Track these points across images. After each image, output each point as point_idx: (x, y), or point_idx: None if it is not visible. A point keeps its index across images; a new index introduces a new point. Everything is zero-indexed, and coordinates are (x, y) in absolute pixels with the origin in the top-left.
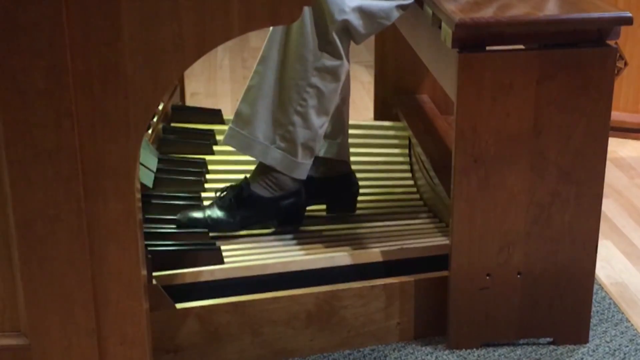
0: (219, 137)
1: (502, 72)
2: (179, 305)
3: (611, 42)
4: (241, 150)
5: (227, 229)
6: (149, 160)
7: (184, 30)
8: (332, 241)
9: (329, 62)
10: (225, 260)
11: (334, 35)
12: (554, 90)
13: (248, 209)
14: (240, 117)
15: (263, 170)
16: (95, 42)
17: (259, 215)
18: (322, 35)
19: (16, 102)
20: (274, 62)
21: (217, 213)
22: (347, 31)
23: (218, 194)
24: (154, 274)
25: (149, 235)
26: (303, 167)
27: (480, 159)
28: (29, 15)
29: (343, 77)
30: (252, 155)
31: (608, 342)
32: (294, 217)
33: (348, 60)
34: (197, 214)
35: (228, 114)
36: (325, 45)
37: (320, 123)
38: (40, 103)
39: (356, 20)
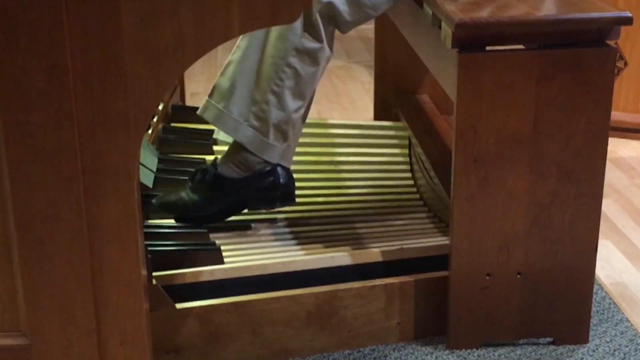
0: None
1: (502, 72)
2: (179, 305)
3: (611, 42)
4: (213, 123)
5: (198, 211)
6: (149, 160)
7: (184, 30)
8: (332, 241)
9: (309, 43)
10: (225, 260)
11: (317, 16)
12: (554, 90)
13: (217, 191)
14: (217, 90)
15: (233, 151)
16: (95, 42)
17: (230, 197)
18: (305, 15)
19: (16, 102)
20: (257, 40)
21: (189, 195)
22: (332, 17)
23: (190, 176)
24: (154, 274)
25: (149, 235)
26: (274, 150)
27: (480, 159)
28: (29, 15)
29: (323, 63)
30: (223, 130)
31: (608, 342)
32: (285, 196)
33: (331, 49)
34: (170, 197)
35: None
36: (308, 26)
37: (295, 106)
38: (40, 103)
39: (341, 6)
